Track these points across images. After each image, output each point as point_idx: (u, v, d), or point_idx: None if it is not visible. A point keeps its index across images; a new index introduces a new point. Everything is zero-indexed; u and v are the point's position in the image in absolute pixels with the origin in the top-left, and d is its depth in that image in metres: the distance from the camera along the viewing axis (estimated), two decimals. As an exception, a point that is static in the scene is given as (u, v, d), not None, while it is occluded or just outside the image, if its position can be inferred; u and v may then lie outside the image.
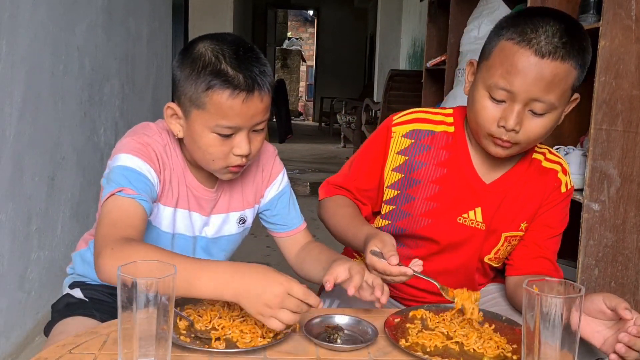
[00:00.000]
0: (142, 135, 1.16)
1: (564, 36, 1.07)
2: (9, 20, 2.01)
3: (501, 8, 3.13)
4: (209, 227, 1.26)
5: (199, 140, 1.11)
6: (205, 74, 1.06)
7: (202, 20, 6.55)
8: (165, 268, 0.84)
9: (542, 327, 0.84)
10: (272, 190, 1.32)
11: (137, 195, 1.07)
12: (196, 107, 1.08)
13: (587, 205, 1.84)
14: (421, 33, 5.87)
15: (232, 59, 1.07)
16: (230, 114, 1.07)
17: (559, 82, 1.08)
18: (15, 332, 2.15)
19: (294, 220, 1.34)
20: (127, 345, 0.81)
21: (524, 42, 1.07)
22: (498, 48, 1.11)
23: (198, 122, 1.09)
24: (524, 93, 1.08)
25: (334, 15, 13.79)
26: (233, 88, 1.05)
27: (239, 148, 1.11)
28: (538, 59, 1.06)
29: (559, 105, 1.11)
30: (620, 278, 1.88)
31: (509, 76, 1.08)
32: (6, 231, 2.05)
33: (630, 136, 1.81)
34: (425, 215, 1.27)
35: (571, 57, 1.07)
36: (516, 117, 1.10)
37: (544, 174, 1.27)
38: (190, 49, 1.11)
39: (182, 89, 1.10)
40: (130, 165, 1.10)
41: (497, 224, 1.27)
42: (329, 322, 1.05)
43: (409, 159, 1.28)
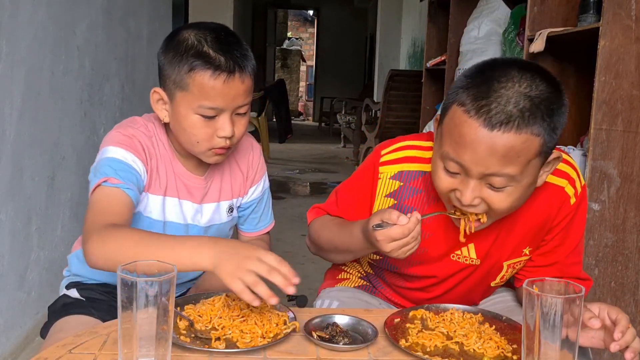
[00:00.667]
0: (128, 127, 1.20)
1: (524, 101, 0.93)
2: (9, 20, 2.01)
3: (501, 8, 3.13)
4: (202, 216, 1.29)
5: (183, 122, 1.14)
6: (187, 56, 1.11)
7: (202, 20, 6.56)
8: (165, 268, 0.84)
9: (542, 327, 0.84)
10: (255, 192, 1.37)
11: (122, 184, 1.11)
12: (180, 89, 1.12)
13: (588, 205, 1.84)
14: (421, 33, 5.87)
15: (214, 42, 1.12)
16: (212, 94, 1.11)
17: (515, 155, 0.94)
18: (15, 332, 2.15)
19: (259, 226, 1.41)
20: (127, 345, 0.81)
21: (473, 110, 0.94)
22: (450, 113, 0.99)
23: (182, 104, 1.13)
24: (476, 168, 0.97)
25: (334, 15, 13.78)
26: (214, 69, 1.09)
27: (222, 130, 1.14)
28: (487, 131, 0.93)
29: (522, 177, 0.98)
30: (621, 278, 1.88)
31: (458, 148, 0.97)
32: (6, 231, 2.05)
33: (630, 136, 1.81)
34: (417, 257, 1.19)
35: (530, 125, 0.93)
36: (471, 192, 1.00)
37: (548, 193, 1.13)
38: (175, 36, 1.16)
39: (166, 73, 1.14)
40: (115, 156, 1.14)
41: (496, 256, 1.20)
42: (329, 323, 1.05)
43: (397, 203, 1.19)
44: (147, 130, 1.22)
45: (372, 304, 1.33)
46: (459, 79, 1.01)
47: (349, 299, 1.32)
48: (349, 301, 1.31)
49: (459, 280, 1.25)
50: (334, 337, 1.00)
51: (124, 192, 1.11)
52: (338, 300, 1.32)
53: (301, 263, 3.24)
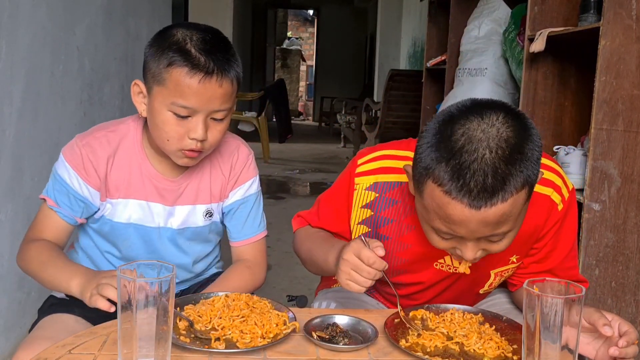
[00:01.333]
0: (88, 136, 1.25)
1: (499, 164, 0.89)
2: (8, 20, 2.01)
3: (501, 8, 3.13)
4: (174, 218, 1.27)
5: (156, 117, 1.14)
6: (169, 50, 1.10)
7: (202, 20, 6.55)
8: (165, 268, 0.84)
9: (542, 328, 0.83)
10: (236, 194, 1.32)
11: (57, 208, 1.22)
12: (157, 83, 1.12)
13: (588, 205, 1.84)
14: (421, 33, 5.87)
15: (199, 41, 1.11)
16: (187, 92, 1.09)
17: (507, 217, 0.93)
18: (15, 332, 2.15)
19: (244, 232, 1.35)
20: (127, 345, 0.81)
21: (453, 191, 0.91)
22: (428, 189, 0.95)
23: (157, 99, 1.13)
24: (471, 235, 0.96)
25: (334, 15, 13.78)
26: (192, 66, 1.08)
27: (194, 131, 1.12)
28: (474, 211, 0.91)
29: (517, 224, 0.98)
30: (621, 278, 1.88)
31: (449, 225, 0.96)
32: (6, 231, 2.05)
33: (630, 136, 1.81)
34: (399, 267, 1.20)
35: (513, 187, 0.90)
36: (472, 251, 1.00)
37: (534, 202, 1.08)
38: (164, 31, 1.15)
39: (148, 65, 1.14)
40: (62, 175, 1.22)
41: (481, 264, 1.16)
42: (329, 323, 1.05)
43: (374, 214, 1.18)
44: (115, 134, 1.24)
45: (369, 304, 1.33)
46: (423, 145, 0.96)
47: (347, 299, 1.31)
48: (346, 302, 1.30)
49: (445, 287, 1.23)
50: (334, 338, 1.00)
51: (57, 215, 1.22)
52: (336, 301, 1.31)
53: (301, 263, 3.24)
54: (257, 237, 1.36)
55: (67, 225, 1.23)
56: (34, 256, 1.20)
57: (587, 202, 1.84)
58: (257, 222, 1.36)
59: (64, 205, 1.21)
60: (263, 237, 1.38)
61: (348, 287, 1.03)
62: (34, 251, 1.20)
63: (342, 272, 1.03)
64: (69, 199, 1.22)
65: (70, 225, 1.24)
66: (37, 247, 1.20)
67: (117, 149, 1.23)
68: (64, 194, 1.21)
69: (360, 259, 1.01)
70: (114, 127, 1.26)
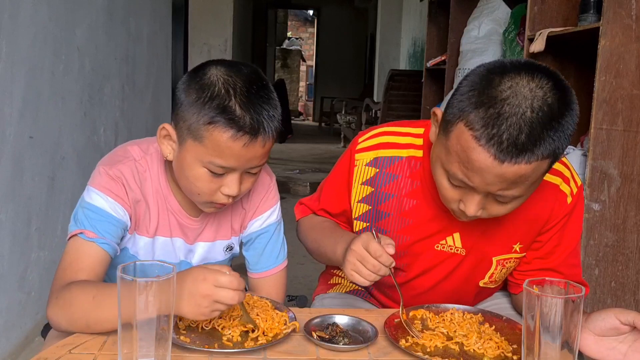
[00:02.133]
0: (117, 164, 1.12)
1: (535, 125, 0.89)
2: (9, 20, 2.01)
3: (501, 8, 3.13)
4: (193, 256, 1.22)
5: (187, 170, 1.05)
6: (211, 106, 0.99)
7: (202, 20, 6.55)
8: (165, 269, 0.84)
9: (542, 328, 0.84)
10: (254, 225, 1.24)
11: (97, 238, 1.06)
12: (193, 137, 1.02)
13: (588, 205, 1.84)
14: (421, 33, 5.87)
15: (243, 95, 1.00)
16: (227, 154, 1.01)
17: (524, 180, 0.93)
18: (15, 332, 2.15)
19: (261, 264, 1.26)
20: (127, 345, 0.81)
21: (483, 138, 0.90)
22: (457, 131, 0.94)
23: (191, 153, 1.03)
24: (484, 189, 0.96)
25: (334, 15, 13.78)
26: (237, 129, 0.98)
27: (228, 188, 1.05)
28: (497, 162, 0.90)
29: (527, 193, 0.98)
30: (621, 278, 1.88)
31: (467, 171, 0.95)
32: (6, 231, 2.05)
33: (630, 135, 1.81)
34: (400, 247, 1.17)
35: (541, 152, 0.90)
36: (476, 205, 0.99)
37: (541, 190, 1.10)
38: (201, 72, 1.03)
39: (182, 114, 1.03)
40: (96, 203, 1.08)
41: (484, 248, 1.17)
42: (329, 323, 1.05)
43: (375, 190, 1.18)
44: (140, 165, 1.14)
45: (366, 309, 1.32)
46: (464, 88, 0.95)
47: (343, 306, 1.30)
48: (347, 306, 1.30)
49: (445, 274, 1.21)
50: (334, 337, 1.00)
51: (98, 246, 1.06)
52: (333, 307, 1.30)
53: (301, 263, 3.24)
54: (275, 270, 1.27)
55: (107, 257, 1.08)
56: (80, 296, 0.99)
57: (587, 201, 1.84)
58: (276, 253, 1.27)
59: (105, 234, 1.07)
60: (282, 270, 1.28)
61: (352, 278, 1.04)
62: (76, 292, 0.99)
63: (348, 262, 1.04)
64: (110, 225, 1.08)
65: (110, 257, 1.08)
66: (77, 288, 1.00)
67: (144, 181, 1.14)
68: (103, 222, 1.07)
69: (367, 250, 1.01)
70: (139, 158, 1.14)
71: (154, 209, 1.15)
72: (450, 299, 1.23)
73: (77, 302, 0.98)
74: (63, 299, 1.00)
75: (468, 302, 1.28)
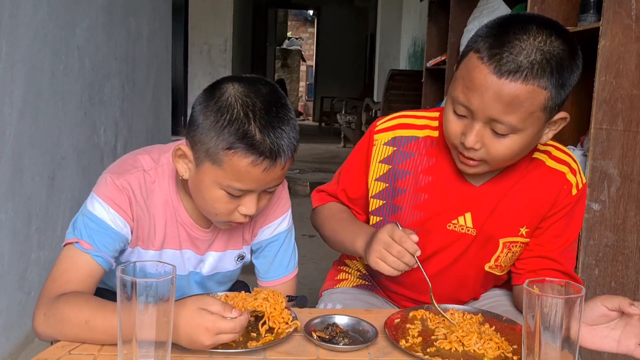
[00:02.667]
0: (125, 174, 1.09)
1: (536, 54, 0.97)
2: (9, 20, 2.01)
3: (501, 7, 3.13)
4: (204, 265, 1.20)
5: (205, 192, 1.04)
6: (230, 131, 0.97)
7: (202, 20, 6.55)
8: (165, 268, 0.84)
9: (542, 328, 0.84)
10: (264, 232, 1.23)
11: (92, 250, 1.04)
12: (211, 161, 1.00)
13: (588, 205, 1.84)
14: (421, 32, 5.87)
15: (262, 118, 0.98)
16: (247, 178, 1.00)
17: (519, 105, 0.98)
18: (15, 332, 2.15)
19: (271, 273, 1.25)
20: (126, 345, 0.81)
21: (486, 57, 0.98)
22: (466, 59, 1.04)
23: (209, 176, 1.02)
24: (481, 112, 1.01)
25: (334, 15, 13.79)
26: (257, 155, 0.97)
27: (246, 208, 1.05)
28: (495, 78, 0.97)
29: (523, 127, 1.01)
30: (621, 278, 1.88)
31: (467, 92, 1.01)
32: (6, 231, 2.05)
33: (630, 135, 1.81)
34: (413, 225, 1.21)
35: (538, 78, 0.97)
36: (475, 135, 1.04)
37: (548, 176, 1.17)
38: (218, 92, 1.01)
39: (200, 136, 1.01)
40: (97, 213, 1.06)
41: (492, 229, 1.20)
42: (330, 323, 1.05)
43: (392, 167, 1.22)
44: (150, 176, 1.11)
45: (374, 304, 1.34)
46: (481, 28, 1.05)
47: (352, 300, 1.32)
48: (351, 303, 1.31)
49: (454, 256, 1.23)
50: (334, 338, 1.00)
51: (92, 258, 1.04)
52: (341, 302, 1.32)
53: (301, 263, 3.23)
54: (285, 279, 1.25)
55: (100, 270, 1.06)
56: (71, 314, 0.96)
57: (587, 201, 1.84)
58: (286, 262, 1.25)
59: (102, 247, 1.05)
60: (292, 278, 1.27)
61: (377, 266, 1.08)
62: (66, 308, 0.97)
63: (373, 250, 1.08)
64: (109, 239, 1.06)
65: (103, 271, 1.07)
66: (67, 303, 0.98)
67: (152, 192, 1.12)
68: (102, 235, 1.06)
69: (392, 238, 1.06)
70: (148, 168, 1.12)
71: (161, 221, 1.13)
72: (456, 285, 1.26)
73: (68, 324, 0.96)
74: (53, 317, 0.98)
75: (471, 292, 1.31)
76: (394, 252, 1.06)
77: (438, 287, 1.21)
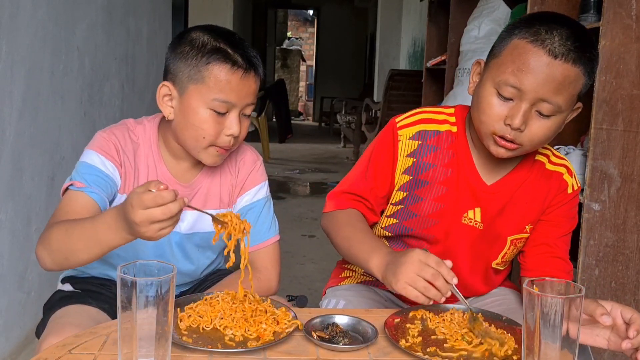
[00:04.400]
0: (110, 128, 1.24)
1: (577, 41, 1.07)
2: (9, 20, 2.01)
3: (501, 8, 3.13)
4: (182, 222, 1.26)
5: (192, 116, 1.16)
6: (205, 50, 1.15)
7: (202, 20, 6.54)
8: (165, 268, 0.84)
9: (542, 328, 0.84)
10: (243, 200, 1.32)
11: (85, 187, 1.14)
12: (194, 81, 1.15)
13: (588, 205, 1.84)
14: (421, 32, 5.87)
15: (228, 42, 1.17)
16: (228, 88, 1.14)
17: (568, 85, 1.07)
18: (15, 332, 2.15)
19: (252, 238, 1.24)
20: (126, 345, 0.81)
21: (537, 41, 1.07)
22: (510, 46, 1.11)
23: (195, 97, 1.16)
24: (533, 92, 1.07)
25: (334, 15, 13.78)
26: (232, 63, 1.14)
27: (230, 128, 1.17)
28: (551, 59, 1.05)
29: (565, 108, 1.10)
30: (621, 278, 1.88)
31: (520, 74, 1.08)
32: (6, 231, 2.05)
33: (630, 136, 1.81)
34: (433, 216, 1.26)
35: (581, 63, 1.07)
36: (522, 115, 1.09)
37: (548, 177, 1.26)
38: (186, 35, 1.18)
39: (178, 67, 1.17)
40: (87, 161, 1.18)
41: (501, 228, 1.26)
42: (329, 323, 1.05)
43: (417, 160, 1.26)
44: (133, 133, 1.24)
45: (378, 300, 1.35)
46: (514, 22, 1.13)
47: (356, 297, 1.33)
48: (355, 300, 1.32)
49: (464, 251, 1.28)
50: (334, 338, 1.00)
51: (86, 194, 1.14)
52: (345, 299, 1.33)
53: (301, 263, 3.24)
54: (267, 243, 1.31)
55: (95, 205, 1.14)
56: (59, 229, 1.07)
57: (587, 202, 1.84)
58: (267, 226, 1.32)
59: (94, 184, 1.16)
60: (274, 242, 1.33)
61: (405, 291, 1.01)
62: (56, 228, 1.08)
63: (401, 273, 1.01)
64: (99, 179, 1.17)
65: (98, 207, 1.15)
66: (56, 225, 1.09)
67: (137, 148, 1.24)
68: (93, 175, 1.17)
69: (426, 262, 1.01)
70: (132, 127, 1.26)
71: (144, 173, 1.23)
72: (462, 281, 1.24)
73: (54, 237, 1.07)
74: (46, 238, 1.09)
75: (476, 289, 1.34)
76: (428, 275, 0.99)
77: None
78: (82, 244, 1.03)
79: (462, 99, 3.03)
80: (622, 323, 0.96)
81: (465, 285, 1.31)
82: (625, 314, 0.96)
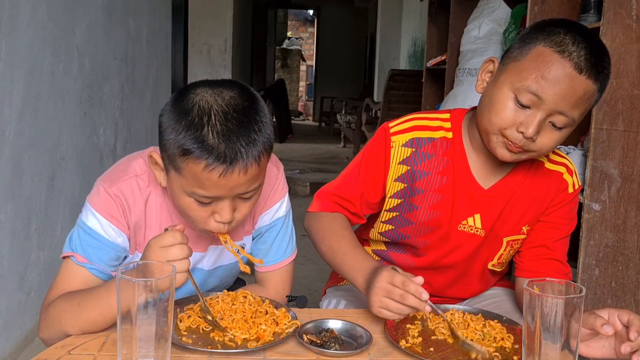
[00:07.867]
0: (117, 182, 1.09)
1: (600, 57, 1.06)
2: (8, 20, 2.01)
3: (501, 8, 3.12)
4: (205, 260, 1.19)
5: (176, 200, 1.03)
6: (185, 136, 0.95)
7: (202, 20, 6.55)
8: (165, 268, 0.84)
9: (542, 328, 0.83)
10: (264, 218, 1.23)
11: (87, 263, 1.06)
12: (174, 168, 0.99)
13: (588, 205, 1.84)
14: (421, 32, 5.86)
15: (220, 122, 0.95)
16: (207, 184, 0.97)
17: (585, 100, 1.06)
18: (15, 332, 2.15)
19: (268, 259, 1.22)
20: (126, 346, 0.81)
21: (565, 52, 1.04)
22: (535, 52, 1.07)
23: (175, 184, 1.01)
24: (552, 103, 1.05)
25: (334, 15, 13.78)
26: (211, 160, 0.94)
27: (220, 215, 1.02)
28: (576, 73, 1.03)
29: (576, 122, 1.09)
30: (621, 278, 1.87)
31: (543, 82, 1.05)
32: (6, 231, 2.05)
33: (630, 136, 1.81)
34: (428, 223, 1.24)
35: (600, 80, 1.06)
36: (537, 125, 1.07)
37: (548, 177, 1.23)
38: (184, 95, 0.99)
39: (164, 143, 1.00)
40: (90, 224, 1.07)
41: (498, 230, 1.24)
42: (324, 328, 1.04)
43: (410, 168, 1.24)
44: (143, 181, 1.11)
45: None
46: (536, 25, 1.11)
47: (356, 297, 1.33)
48: (355, 300, 1.32)
49: (462, 257, 1.26)
50: (326, 343, 0.98)
51: (88, 271, 1.06)
52: (345, 299, 1.33)
53: (301, 263, 3.24)
54: (282, 264, 1.24)
55: (97, 282, 1.07)
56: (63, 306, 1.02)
57: (587, 202, 1.84)
58: (284, 247, 1.24)
59: (97, 259, 1.06)
60: (289, 263, 1.25)
61: (381, 315, 1.03)
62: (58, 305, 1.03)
63: (374, 300, 1.04)
64: (103, 251, 1.07)
65: (102, 281, 1.08)
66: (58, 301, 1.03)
67: (149, 196, 1.11)
68: (96, 247, 1.07)
69: (392, 284, 1.01)
70: (141, 170, 1.11)
71: (157, 224, 1.12)
72: (458, 284, 1.29)
73: (64, 314, 1.01)
74: (51, 316, 1.02)
75: (472, 290, 1.33)
76: (396, 297, 1.00)
77: (441, 285, 1.27)
78: (97, 312, 0.99)
79: (462, 99, 3.03)
80: (622, 327, 0.95)
81: (460, 286, 1.31)
82: (623, 318, 0.94)
